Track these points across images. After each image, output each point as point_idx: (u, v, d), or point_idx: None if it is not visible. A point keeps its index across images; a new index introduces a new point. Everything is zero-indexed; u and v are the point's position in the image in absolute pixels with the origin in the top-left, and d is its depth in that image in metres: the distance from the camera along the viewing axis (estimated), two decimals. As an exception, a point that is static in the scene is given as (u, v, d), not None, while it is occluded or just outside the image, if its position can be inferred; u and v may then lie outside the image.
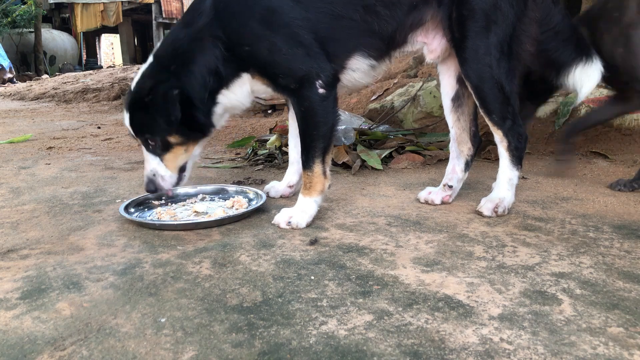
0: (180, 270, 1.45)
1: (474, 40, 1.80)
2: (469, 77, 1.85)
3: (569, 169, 2.54)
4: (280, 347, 1.05)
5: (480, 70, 1.81)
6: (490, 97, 1.84)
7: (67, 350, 1.05)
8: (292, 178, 2.23)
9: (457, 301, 1.23)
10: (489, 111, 1.86)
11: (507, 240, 1.64)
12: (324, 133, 1.80)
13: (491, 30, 1.79)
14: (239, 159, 3.08)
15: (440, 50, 1.93)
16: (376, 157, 2.75)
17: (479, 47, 1.80)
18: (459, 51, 1.84)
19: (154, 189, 1.95)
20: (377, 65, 1.94)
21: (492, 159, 2.90)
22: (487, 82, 1.82)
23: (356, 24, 1.80)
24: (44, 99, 8.36)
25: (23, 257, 1.58)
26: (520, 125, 1.90)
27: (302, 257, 1.52)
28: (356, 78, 1.93)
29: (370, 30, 1.81)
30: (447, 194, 2.07)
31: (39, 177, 2.73)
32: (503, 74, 1.81)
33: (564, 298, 1.23)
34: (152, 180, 1.93)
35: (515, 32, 1.83)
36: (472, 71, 1.83)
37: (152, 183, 1.93)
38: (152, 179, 1.93)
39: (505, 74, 1.82)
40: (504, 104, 1.84)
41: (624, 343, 1.04)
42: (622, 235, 1.66)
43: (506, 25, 1.81)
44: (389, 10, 1.80)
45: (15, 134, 4.42)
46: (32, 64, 16.45)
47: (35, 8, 15.97)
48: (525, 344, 1.04)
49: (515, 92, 1.88)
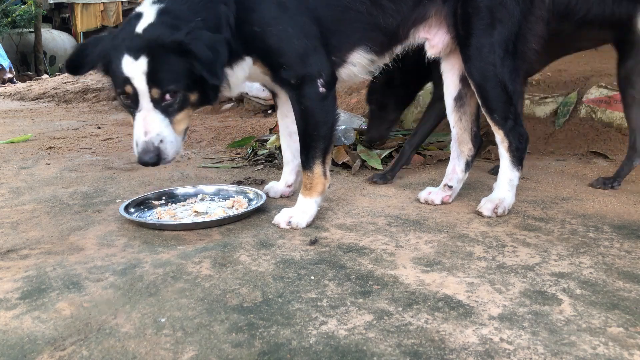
0: (180, 270, 1.45)
1: (478, 38, 1.79)
2: (472, 75, 1.85)
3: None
4: (280, 347, 1.05)
5: (483, 68, 1.81)
6: (492, 96, 1.83)
7: (67, 350, 1.05)
8: (289, 178, 2.23)
9: (457, 301, 1.23)
10: (491, 110, 1.86)
11: (507, 240, 1.64)
12: (324, 133, 1.79)
13: (496, 28, 1.79)
14: (239, 159, 3.08)
15: (442, 46, 1.92)
16: (376, 157, 2.75)
17: (484, 45, 1.79)
18: (463, 49, 1.84)
19: (155, 158, 1.59)
20: (377, 60, 1.93)
21: (493, 159, 2.90)
22: (490, 81, 1.81)
23: (362, 17, 1.77)
24: (44, 99, 8.36)
25: (23, 257, 1.58)
26: (522, 126, 1.90)
27: (302, 257, 1.52)
28: (355, 72, 1.91)
29: (375, 24, 1.80)
30: (447, 194, 2.07)
31: (39, 177, 2.73)
32: (507, 73, 1.81)
33: (564, 298, 1.23)
34: (155, 147, 1.58)
35: (520, 30, 1.82)
36: (475, 69, 1.82)
37: (154, 151, 1.58)
38: (155, 146, 1.58)
39: (509, 73, 1.81)
40: (506, 104, 1.84)
41: (624, 343, 1.04)
42: (622, 235, 1.66)
43: (512, 24, 1.80)
44: (394, 4, 1.78)
45: (15, 134, 4.42)
46: (32, 64, 16.44)
47: (35, 8, 15.96)
48: (525, 344, 1.04)
49: (518, 91, 1.88)
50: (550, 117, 3.21)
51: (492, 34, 1.79)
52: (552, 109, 3.21)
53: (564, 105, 3.17)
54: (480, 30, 1.79)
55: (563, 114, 3.15)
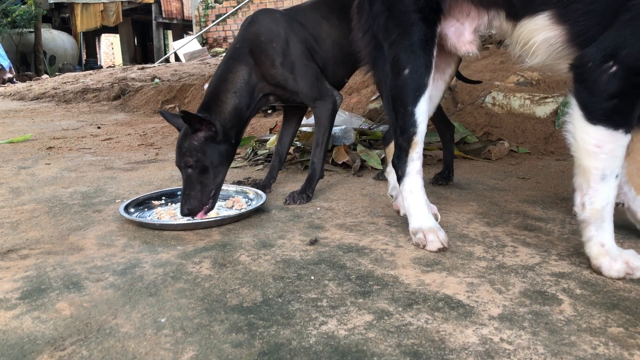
0: (180, 270, 1.45)
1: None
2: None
3: None
4: (280, 347, 1.05)
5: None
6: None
7: (67, 351, 1.05)
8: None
9: (457, 301, 1.23)
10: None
11: (507, 240, 1.64)
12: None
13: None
14: (238, 159, 3.08)
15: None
16: (376, 157, 2.75)
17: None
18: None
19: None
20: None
21: (492, 159, 2.91)
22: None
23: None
24: (43, 99, 8.36)
25: (23, 257, 1.58)
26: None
27: (302, 257, 1.52)
28: None
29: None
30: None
31: (38, 177, 2.73)
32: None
33: (564, 298, 1.23)
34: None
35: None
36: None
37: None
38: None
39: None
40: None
41: (624, 343, 1.04)
42: (622, 235, 1.66)
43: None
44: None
45: (15, 134, 4.42)
46: (32, 64, 16.44)
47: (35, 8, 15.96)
48: (525, 344, 1.04)
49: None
50: (550, 117, 3.21)
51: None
52: (552, 109, 3.21)
53: (564, 105, 3.16)
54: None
55: (563, 113, 3.15)
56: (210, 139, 1.92)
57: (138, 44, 22.05)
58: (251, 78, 2.07)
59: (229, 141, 1.99)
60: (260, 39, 2.08)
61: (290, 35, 2.10)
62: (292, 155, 2.91)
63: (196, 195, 1.88)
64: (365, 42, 1.75)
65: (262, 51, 2.07)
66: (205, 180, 1.91)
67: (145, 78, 8.66)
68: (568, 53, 1.39)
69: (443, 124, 2.36)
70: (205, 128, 1.91)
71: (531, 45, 1.46)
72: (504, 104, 3.34)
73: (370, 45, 1.73)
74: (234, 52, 2.10)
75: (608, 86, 1.23)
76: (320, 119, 2.14)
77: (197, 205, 1.88)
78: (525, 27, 1.45)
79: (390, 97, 1.65)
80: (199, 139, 1.91)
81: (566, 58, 1.40)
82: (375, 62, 1.73)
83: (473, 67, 3.93)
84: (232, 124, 2.00)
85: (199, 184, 1.90)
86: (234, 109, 2.01)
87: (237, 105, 2.02)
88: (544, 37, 1.41)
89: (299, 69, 2.08)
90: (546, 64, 1.47)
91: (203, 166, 1.91)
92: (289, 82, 2.09)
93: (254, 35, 2.10)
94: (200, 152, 1.90)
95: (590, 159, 1.31)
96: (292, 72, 2.08)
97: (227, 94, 2.01)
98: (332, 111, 2.14)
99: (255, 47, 2.08)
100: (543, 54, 1.44)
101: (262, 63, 2.07)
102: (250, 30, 2.12)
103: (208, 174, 1.92)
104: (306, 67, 2.10)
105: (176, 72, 9.02)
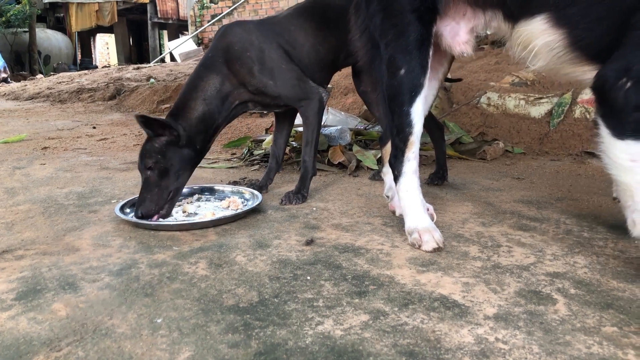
0: (176, 270, 1.45)
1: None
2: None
3: None
4: (276, 348, 1.05)
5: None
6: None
7: (63, 351, 1.05)
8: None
9: (453, 301, 1.23)
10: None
11: (502, 240, 1.65)
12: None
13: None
14: (234, 159, 3.08)
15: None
16: (372, 158, 2.76)
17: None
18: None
19: None
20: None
21: (488, 159, 2.92)
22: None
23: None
24: (38, 99, 8.32)
25: (18, 258, 1.58)
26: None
27: (298, 258, 1.53)
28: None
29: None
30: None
31: (33, 178, 2.72)
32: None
33: (559, 298, 1.24)
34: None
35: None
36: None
37: None
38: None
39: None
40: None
41: (618, 342, 1.04)
42: (616, 235, 1.67)
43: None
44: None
45: (10, 134, 4.40)
46: (26, 64, 16.36)
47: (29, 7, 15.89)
48: (520, 344, 1.04)
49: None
50: (544, 117, 3.22)
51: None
52: (547, 109, 3.23)
53: (559, 106, 3.18)
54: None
55: (558, 114, 3.17)
56: (172, 143, 1.93)
57: (133, 43, 21.99)
58: (224, 86, 2.07)
59: (192, 147, 1.99)
60: (234, 48, 2.09)
61: (264, 42, 2.11)
62: (288, 155, 2.92)
63: (152, 198, 1.88)
64: (362, 42, 1.75)
65: (237, 60, 2.08)
66: (163, 184, 1.91)
67: (141, 78, 8.63)
68: (571, 58, 1.40)
69: (432, 123, 2.37)
70: (168, 133, 1.92)
71: (532, 49, 1.46)
72: (499, 105, 3.36)
73: (367, 45, 1.74)
74: (207, 61, 2.12)
75: (627, 101, 1.25)
76: (308, 118, 2.16)
77: (153, 208, 1.88)
78: (524, 29, 1.45)
79: (386, 97, 1.66)
80: (160, 142, 1.92)
81: (570, 62, 1.41)
82: (372, 62, 1.74)
83: (468, 68, 3.94)
84: (199, 130, 2.01)
85: (156, 187, 1.90)
86: (202, 115, 2.02)
87: (206, 112, 2.03)
88: (544, 42, 1.42)
89: (278, 73, 2.10)
90: (550, 68, 1.48)
91: (162, 169, 1.91)
92: (269, 87, 2.10)
93: (227, 45, 2.11)
94: (160, 155, 1.91)
95: (629, 174, 1.30)
96: (271, 77, 2.09)
97: (196, 101, 2.02)
98: (319, 109, 2.15)
99: (230, 57, 2.09)
100: (545, 58, 1.45)
101: (237, 72, 2.08)
102: (223, 41, 2.13)
103: (167, 178, 1.92)
104: (285, 70, 2.11)
105: (172, 72, 9.00)
